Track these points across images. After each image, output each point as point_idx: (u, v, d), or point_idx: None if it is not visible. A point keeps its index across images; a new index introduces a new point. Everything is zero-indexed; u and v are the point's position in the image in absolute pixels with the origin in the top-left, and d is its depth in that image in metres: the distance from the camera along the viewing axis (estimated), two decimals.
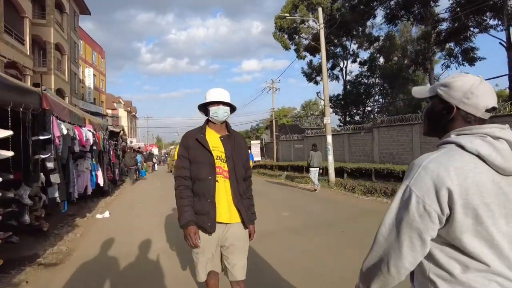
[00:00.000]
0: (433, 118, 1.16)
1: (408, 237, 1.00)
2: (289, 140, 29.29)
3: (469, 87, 1.05)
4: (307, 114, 54.66)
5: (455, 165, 0.96)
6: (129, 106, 64.59)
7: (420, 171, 0.99)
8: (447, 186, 0.94)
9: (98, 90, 42.25)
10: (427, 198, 0.97)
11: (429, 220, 0.97)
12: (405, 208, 1.00)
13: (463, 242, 0.98)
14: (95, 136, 8.83)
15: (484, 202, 0.96)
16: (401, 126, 16.72)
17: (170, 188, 12.00)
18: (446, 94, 1.09)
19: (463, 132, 1.05)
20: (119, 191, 12.02)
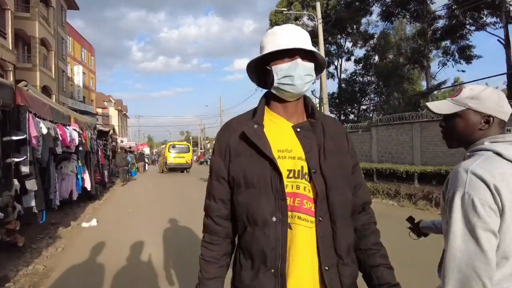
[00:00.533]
0: (468, 130, 1.18)
1: (487, 240, 0.99)
2: None
3: (497, 97, 1.15)
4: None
5: (498, 171, 1.02)
6: (119, 105, 63.31)
7: (471, 177, 1.03)
8: (498, 189, 0.99)
9: (88, 88, 41.10)
10: (488, 198, 1.00)
11: (496, 217, 1.00)
12: (473, 214, 1.01)
13: (508, 236, 1.01)
14: (81, 136, 8.08)
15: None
16: (400, 124, 16.23)
17: (163, 189, 11.17)
18: (481, 106, 1.15)
19: (497, 140, 1.11)
20: (109, 194, 11.25)
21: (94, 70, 43.96)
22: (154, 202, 9.52)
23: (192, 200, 9.64)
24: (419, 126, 15.28)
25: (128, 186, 14.41)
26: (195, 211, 8.04)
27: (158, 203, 9.28)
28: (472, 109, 1.15)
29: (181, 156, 21.75)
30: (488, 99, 1.15)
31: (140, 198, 10.57)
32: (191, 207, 8.05)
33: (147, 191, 12.34)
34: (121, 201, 9.83)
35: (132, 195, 11.35)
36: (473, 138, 1.17)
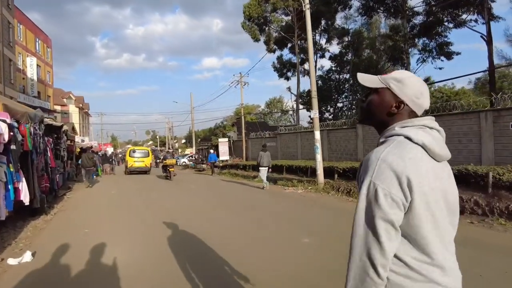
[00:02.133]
0: (380, 109, 1.16)
1: (385, 230, 0.99)
2: (259, 137, 26.93)
3: (419, 87, 1.13)
4: (283, 110, 52.63)
5: (408, 156, 1.01)
6: (80, 102, 58.55)
7: (380, 164, 1.01)
8: (406, 176, 0.98)
9: (44, 83, 36.92)
10: (392, 188, 0.98)
11: (398, 208, 0.99)
12: (375, 203, 1.00)
13: (420, 227, 1.01)
14: (17, 130, 5.81)
15: (431, 187, 1.02)
16: None
17: (129, 197, 8.75)
18: (399, 90, 1.13)
19: (406, 124, 1.10)
20: (61, 205, 8.85)
21: (51, 63, 39.68)
22: (119, 216, 7.36)
23: (167, 209, 7.66)
24: None
25: (87, 193, 11.94)
26: (177, 229, 5.97)
27: (125, 219, 7.13)
28: (391, 90, 1.14)
29: (141, 161, 22.65)
30: (409, 86, 1.13)
31: (100, 210, 8.31)
32: (170, 221, 6.08)
33: (111, 200, 10.03)
34: (75, 216, 7.54)
35: (90, 205, 9.04)
36: (382, 119, 1.17)
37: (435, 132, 1.10)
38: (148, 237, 5.46)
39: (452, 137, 12.15)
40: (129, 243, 5.09)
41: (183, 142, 72.18)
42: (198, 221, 6.60)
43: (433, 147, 1.05)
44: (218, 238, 5.22)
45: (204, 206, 8.74)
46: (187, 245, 4.95)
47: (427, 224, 1.02)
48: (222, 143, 28.41)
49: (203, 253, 4.51)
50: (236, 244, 5.00)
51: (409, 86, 1.13)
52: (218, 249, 4.59)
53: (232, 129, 33.32)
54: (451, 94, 33.38)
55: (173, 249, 4.66)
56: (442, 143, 1.10)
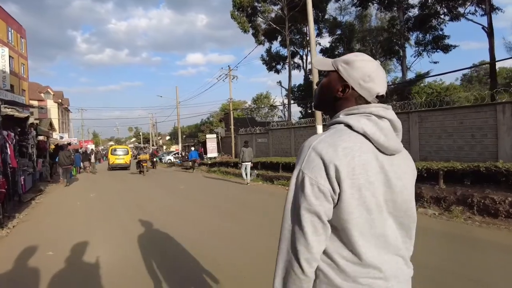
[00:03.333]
0: (327, 93, 1.09)
1: (310, 222, 0.91)
2: (249, 133, 25.54)
3: (368, 70, 1.01)
4: (273, 105, 51.28)
5: (343, 145, 0.93)
6: (60, 97, 55.52)
7: (310, 153, 0.95)
8: (335, 166, 0.91)
9: (18, 76, 34.23)
10: (319, 178, 0.92)
11: (325, 200, 0.92)
12: (301, 193, 0.93)
13: (349, 223, 0.93)
14: None
15: (368, 181, 0.93)
16: (400, 114, 13.92)
17: (110, 202, 5.79)
18: (345, 72, 1.03)
19: (351, 111, 1.01)
20: (25, 214, 7.25)
21: (25, 55, 36.92)
22: (95, 227, 5.86)
23: (158, 219, 6.22)
24: (417, 116, 13.07)
25: (62, 195, 10.28)
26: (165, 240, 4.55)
27: (103, 229, 5.67)
28: (339, 73, 1.05)
29: (122, 158, 24.96)
30: (357, 69, 1.02)
31: (73, 219, 6.77)
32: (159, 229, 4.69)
33: (88, 206, 8.45)
34: (40, 229, 5.99)
35: (61, 213, 7.47)
36: (330, 105, 1.09)
37: (384, 122, 0.98)
38: (135, 263, 4.03)
39: (464, 131, 11.17)
40: (107, 273, 3.66)
41: (168, 138, 69.92)
42: (192, 233, 5.22)
43: (377, 137, 0.95)
44: (206, 247, 3.93)
45: (197, 211, 7.34)
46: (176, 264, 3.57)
47: (359, 220, 0.93)
48: (210, 139, 26.87)
49: (184, 260, 4.03)
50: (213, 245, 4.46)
51: (357, 68, 1.01)
52: (196, 251, 4.27)
53: (220, 125, 31.77)
54: (441, 90, 32.81)
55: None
56: (391, 134, 0.99)
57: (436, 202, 8.36)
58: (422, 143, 12.79)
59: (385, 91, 1.05)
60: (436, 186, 8.91)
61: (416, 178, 1.12)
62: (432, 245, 4.55)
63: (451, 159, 10.83)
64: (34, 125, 10.17)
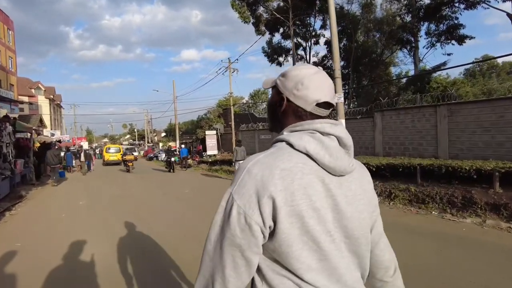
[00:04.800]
0: (271, 110, 1.00)
1: (231, 256, 0.80)
2: (251, 130, 23.97)
3: (301, 78, 0.91)
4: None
5: (281, 167, 0.81)
6: (51, 93, 53.16)
7: (244, 176, 0.82)
8: (269, 193, 0.78)
9: (5, 70, 32.10)
10: (248, 208, 0.79)
11: (251, 234, 0.79)
12: (227, 221, 0.81)
13: (291, 257, 0.80)
14: None
15: (312, 207, 0.80)
16: (419, 108, 12.49)
17: (101, 212, 5.41)
18: (281, 84, 0.95)
19: (295, 128, 0.90)
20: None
21: (13, 48, 34.71)
22: (82, 254, 4.27)
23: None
24: (446, 109, 11.61)
25: (47, 200, 8.62)
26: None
27: (94, 261, 4.08)
28: (277, 87, 0.97)
29: (114, 155, 28.61)
30: (291, 78, 0.93)
31: (56, 239, 5.14)
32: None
33: (74, 215, 6.81)
34: (12, 248, 4.36)
35: (41, 230, 5.82)
36: (277, 123, 0.99)
37: (330, 140, 0.86)
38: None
39: (505, 126, 9.75)
40: None
41: (163, 135, 67.90)
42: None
43: (320, 157, 0.83)
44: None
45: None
46: None
47: (302, 252, 0.80)
48: (210, 136, 25.21)
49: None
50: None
51: (290, 78, 0.92)
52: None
53: (219, 121, 30.09)
54: (447, 84, 31.34)
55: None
56: (339, 153, 0.85)
57: (493, 210, 6.89)
58: (452, 139, 11.37)
59: (329, 98, 0.91)
60: (491, 191, 7.43)
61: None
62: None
63: (489, 157, 9.45)
64: (11, 119, 8.46)
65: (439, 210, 7.12)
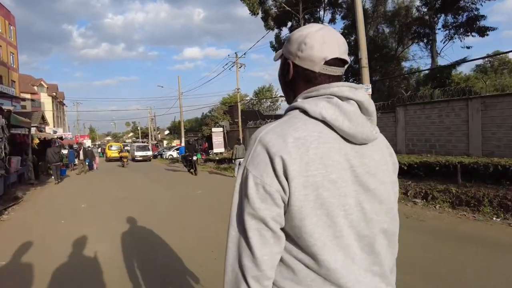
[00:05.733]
0: (281, 82, 0.92)
1: (257, 231, 0.73)
2: (259, 126, 22.91)
3: (304, 37, 0.82)
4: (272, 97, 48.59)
5: (295, 135, 0.74)
6: (54, 91, 52.29)
7: (256, 146, 0.76)
8: (281, 157, 0.72)
9: (6, 65, 31.17)
10: (265, 176, 0.73)
11: (273, 203, 0.73)
12: (245, 195, 0.74)
13: (304, 232, 0.73)
14: None
15: (329, 178, 0.73)
16: (447, 102, 11.46)
17: (105, 217, 4.79)
18: (286, 50, 0.87)
19: (310, 93, 0.81)
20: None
21: (14, 43, 33.74)
22: (85, 274, 3.29)
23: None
24: (479, 103, 10.57)
25: (46, 202, 7.65)
26: None
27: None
28: (283, 54, 0.90)
29: (115, 152, 30.64)
30: (294, 40, 0.85)
31: (53, 253, 4.18)
32: None
33: (75, 222, 5.82)
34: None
35: (35, 241, 4.85)
36: (289, 93, 0.90)
37: (349, 104, 0.77)
38: None
39: None
40: None
41: (166, 133, 66.93)
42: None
43: (339, 123, 0.75)
44: None
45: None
46: None
47: (316, 227, 0.73)
48: (216, 133, 24.25)
49: None
50: None
51: (292, 40, 0.84)
52: None
53: (226, 118, 29.08)
54: (459, 80, 30.18)
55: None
56: (359, 118, 0.77)
57: None
58: (486, 136, 10.34)
59: (339, 54, 0.81)
60: None
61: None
62: None
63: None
64: (4, 112, 7.48)
65: (494, 214, 6.10)
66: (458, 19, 18.66)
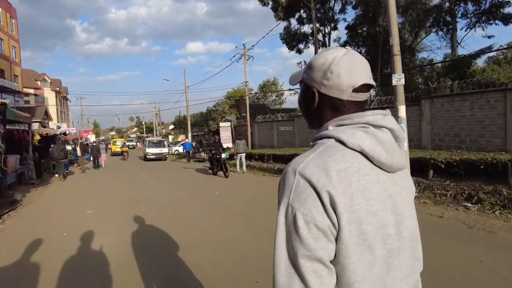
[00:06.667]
0: (304, 108, 0.88)
1: (313, 273, 0.68)
2: (269, 121, 22.03)
3: (328, 65, 0.78)
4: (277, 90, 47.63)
5: (337, 168, 0.70)
6: (57, 85, 51.47)
7: (298, 181, 0.71)
8: (329, 192, 0.68)
9: (8, 59, 30.31)
10: (316, 213, 0.68)
11: (327, 240, 0.69)
12: (295, 236, 0.69)
13: (347, 269, 0.70)
14: None
15: (370, 211, 0.71)
16: (480, 94, 10.45)
17: (116, 228, 3.96)
18: (308, 78, 0.83)
19: (343, 121, 0.78)
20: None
21: (16, 37, 32.80)
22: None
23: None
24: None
25: (47, 206, 6.80)
26: None
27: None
28: (304, 81, 0.86)
29: (119, 147, 31.86)
30: (317, 68, 0.80)
31: (48, 278, 3.31)
32: None
33: (80, 235, 4.96)
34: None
35: (33, 257, 4.01)
36: (314, 120, 0.86)
37: (384, 133, 0.76)
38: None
39: None
40: None
41: (171, 128, 66.09)
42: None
43: (377, 154, 0.73)
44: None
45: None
46: None
47: (360, 264, 0.70)
48: (224, 127, 23.34)
49: None
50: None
51: (316, 68, 0.80)
52: None
53: (233, 112, 28.11)
54: (473, 73, 28.94)
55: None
56: (394, 148, 0.76)
57: None
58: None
59: (367, 80, 0.78)
60: None
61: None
62: None
63: None
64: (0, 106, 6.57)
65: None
66: (480, 6, 17.48)
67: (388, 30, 8.73)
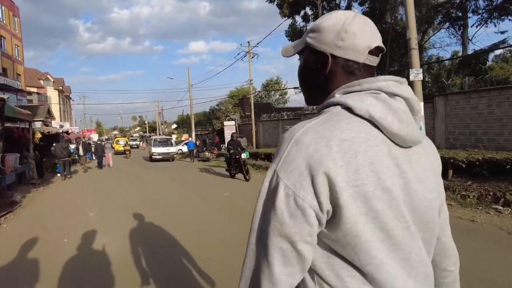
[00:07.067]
0: (308, 78, 0.79)
1: (279, 250, 0.63)
2: (274, 120, 21.59)
3: (342, 24, 0.71)
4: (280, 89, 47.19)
5: (340, 137, 0.63)
6: (60, 84, 51.30)
7: (291, 147, 0.64)
8: (327, 169, 0.61)
9: (11, 58, 30.02)
10: (299, 188, 0.62)
11: (304, 221, 0.62)
12: (272, 206, 0.64)
13: (358, 249, 0.64)
14: None
15: (381, 186, 0.63)
16: (499, 90, 9.97)
17: (123, 234, 3.59)
18: (316, 41, 0.74)
19: (351, 88, 0.70)
20: None
21: (19, 36, 32.50)
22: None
23: None
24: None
25: (47, 209, 6.43)
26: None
27: None
28: (310, 46, 0.76)
29: (122, 146, 32.01)
30: (328, 29, 0.72)
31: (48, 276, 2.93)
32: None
33: (83, 242, 4.57)
34: None
35: (31, 268, 3.62)
36: (323, 90, 0.76)
37: (398, 102, 0.68)
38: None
39: None
40: None
41: (174, 127, 65.79)
42: None
43: (388, 122, 0.65)
44: None
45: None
46: None
47: (375, 243, 0.63)
48: (228, 127, 22.94)
49: None
50: None
51: (326, 29, 0.72)
52: None
53: (237, 111, 27.70)
54: (489, 68, 28.23)
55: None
56: (409, 118, 0.68)
57: None
58: None
59: (380, 43, 0.73)
60: None
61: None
62: None
63: None
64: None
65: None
66: (492, 2, 16.95)
67: (406, 23, 8.29)
